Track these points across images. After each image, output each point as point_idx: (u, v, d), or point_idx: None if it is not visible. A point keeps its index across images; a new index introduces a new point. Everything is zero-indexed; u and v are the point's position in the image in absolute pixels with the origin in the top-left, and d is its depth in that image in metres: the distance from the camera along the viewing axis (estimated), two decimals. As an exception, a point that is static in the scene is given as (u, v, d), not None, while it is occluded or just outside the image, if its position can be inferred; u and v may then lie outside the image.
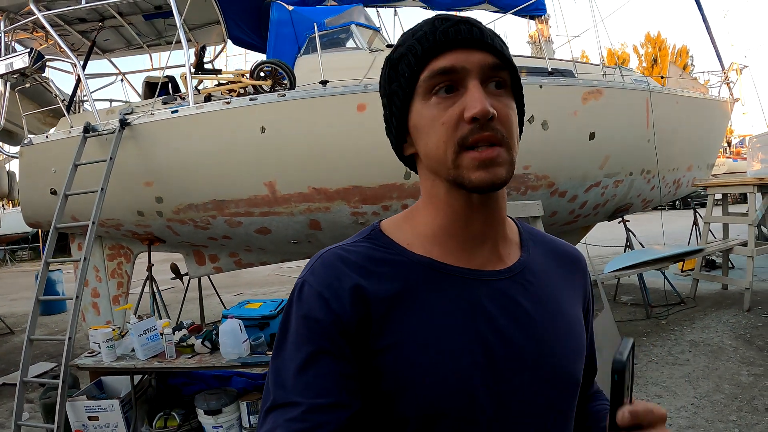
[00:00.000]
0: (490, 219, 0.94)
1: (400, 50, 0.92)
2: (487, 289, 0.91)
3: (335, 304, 0.83)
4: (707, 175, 9.92)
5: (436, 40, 0.86)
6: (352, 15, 7.30)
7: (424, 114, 0.88)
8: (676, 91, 8.20)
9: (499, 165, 0.84)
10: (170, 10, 6.24)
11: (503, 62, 0.87)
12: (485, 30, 0.88)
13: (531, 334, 0.91)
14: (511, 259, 0.98)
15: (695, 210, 10.90)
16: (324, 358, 0.81)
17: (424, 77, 0.87)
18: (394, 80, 0.93)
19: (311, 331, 0.83)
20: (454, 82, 0.86)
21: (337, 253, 0.91)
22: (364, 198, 5.91)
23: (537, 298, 0.95)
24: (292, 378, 0.80)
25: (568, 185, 6.69)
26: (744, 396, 4.68)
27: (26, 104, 7.23)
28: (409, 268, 0.90)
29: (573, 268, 1.08)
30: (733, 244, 8.13)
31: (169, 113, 5.93)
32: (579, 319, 1.02)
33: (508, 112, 0.87)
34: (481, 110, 0.81)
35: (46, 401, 4.63)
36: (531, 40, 9.89)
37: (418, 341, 0.84)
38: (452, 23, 0.87)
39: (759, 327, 6.46)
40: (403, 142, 0.96)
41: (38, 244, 26.79)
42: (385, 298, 0.86)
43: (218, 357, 4.09)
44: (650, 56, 35.44)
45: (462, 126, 0.83)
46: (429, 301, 0.87)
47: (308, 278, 0.88)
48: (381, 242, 0.94)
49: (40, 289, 5.14)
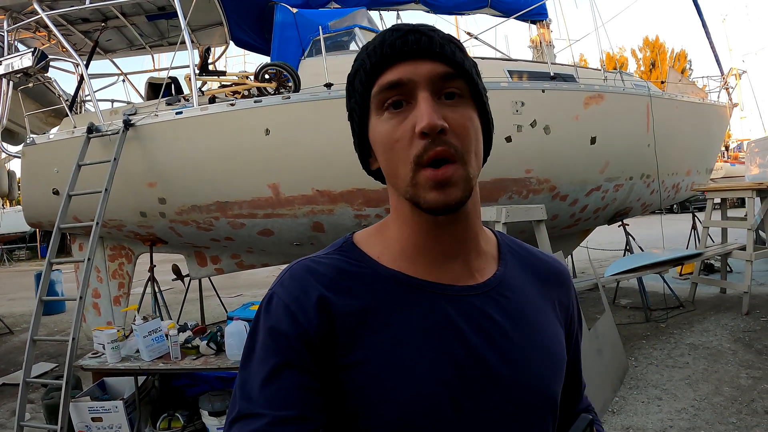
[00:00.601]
0: (459, 235, 0.91)
1: (354, 65, 0.90)
2: (459, 304, 0.89)
3: (302, 318, 0.83)
4: (706, 179, 9.96)
5: (383, 54, 0.84)
6: (355, 18, 7.32)
7: (378, 130, 0.86)
8: (675, 96, 8.25)
9: (453, 185, 0.81)
10: (173, 11, 6.27)
11: (456, 70, 0.84)
12: (435, 38, 0.84)
13: (504, 351, 0.89)
14: (486, 274, 0.95)
15: (694, 214, 10.93)
16: (289, 371, 0.80)
17: (374, 92, 0.86)
18: (351, 96, 0.92)
19: (277, 344, 0.82)
20: (405, 96, 0.83)
21: (306, 265, 0.90)
22: (368, 200, 5.92)
23: (512, 314, 0.93)
24: (258, 390, 0.80)
25: (569, 189, 6.72)
26: (743, 398, 4.70)
27: (29, 104, 7.22)
28: (379, 282, 0.89)
29: (554, 283, 1.05)
30: (731, 249, 8.17)
31: (173, 114, 5.94)
32: (557, 335, 1.00)
33: (465, 122, 0.83)
34: (428, 124, 0.78)
35: (48, 402, 4.62)
36: (532, 44, 9.92)
37: (385, 358, 0.83)
38: (401, 34, 0.84)
39: (757, 330, 6.49)
40: (368, 156, 0.95)
41: (36, 244, 26.76)
42: (352, 312, 0.85)
43: (223, 358, 4.09)
44: (648, 60, 35.48)
45: (416, 143, 0.81)
46: (398, 317, 0.86)
47: (277, 290, 0.88)
48: (352, 255, 0.93)
49: (43, 289, 5.13)
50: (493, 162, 1.09)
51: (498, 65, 7.26)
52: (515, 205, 5.85)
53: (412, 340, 0.85)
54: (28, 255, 27.72)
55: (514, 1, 8.89)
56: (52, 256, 5.31)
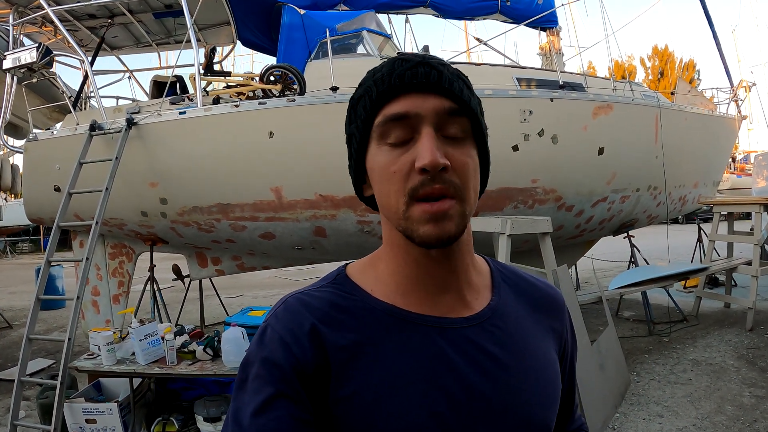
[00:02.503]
0: (451, 268, 0.91)
1: (359, 91, 0.90)
2: (452, 337, 0.89)
3: (296, 349, 0.83)
4: (713, 192, 9.92)
5: (391, 84, 0.84)
6: (363, 21, 7.30)
7: (377, 160, 0.86)
8: (684, 107, 8.20)
9: (448, 219, 0.81)
10: (180, 9, 6.24)
11: (462, 108, 0.84)
12: (445, 73, 0.84)
13: (498, 381, 0.88)
14: (480, 304, 0.95)
15: (699, 226, 10.87)
16: (282, 401, 0.80)
17: (378, 122, 0.85)
18: (353, 121, 0.91)
19: (271, 375, 0.82)
20: (408, 128, 0.83)
21: (301, 298, 0.90)
22: (371, 206, 5.86)
23: (506, 344, 0.93)
24: (249, 418, 0.80)
25: (575, 200, 6.68)
26: (746, 418, 4.64)
27: (32, 99, 7.21)
28: (372, 315, 0.89)
29: (547, 309, 1.05)
30: (737, 263, 8.10)
31: (177, 114, 5.92)
32: (552, 363, 1.00)
33: (465, 160, 0.84)
34: (430, 162, 0.78)
35: (43, 401, 4.61)
36: (542, 52, 9.89)
37: (377, 392, 0.83)
38: (410, 65, 0.84)
39: (761, 347, 6.43)
40: (363, 182, 0.95)
41: (39, 237, 26.84)
42: (344, 346, 0.85)
43: (220, 364, 4.07)
44: (657, 69, 35.46)
45: (413, 176, 0.81)
46: (390, 351, 0.86)
47: (271, 322, 0.88)
48: (345, 288, 0.93)
49: (41, 287, 5.11)
50: (499, 171, 1.07)
51: (507, 72, 7.23)
52: (520, 215, 5.80)
53: (404, 375, 0.85)
54: (30, 248, 27.87)
55: (525, 8, 8.89)
56: (51, 254, 5.27)
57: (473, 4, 8.99)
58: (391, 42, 7.72)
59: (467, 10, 9.01)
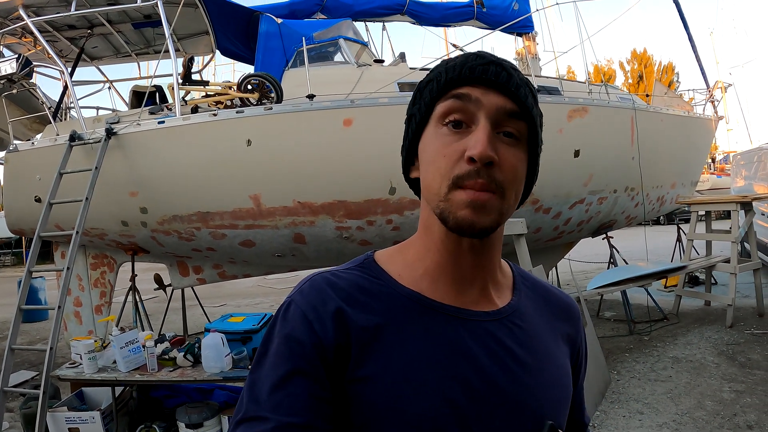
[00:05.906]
0: (480, 262, 0.93)
1: (429, 75, 0.92)
2: (473, 328, 0.90)
3: (318, 327, 0.83)
4: (691, 192, 10.01)
5: (461, 73, 0.85)
6: (340, 29, 7.33)
7: (432, 142, 0.88)
8: (661, 109, 8.29)
9: (487, 210, 0.82)
10: (159, 19, 6.24)
11: (523, 112, 0.86)
12: (515, 77, 0.86)
13: (515, 376, 0.89)
14: (501, 302, 0.97)
15: (678, 226, 10.98)
16: (300, 378, 0.80)
17: (440, 104, 0.87)
18: (417, 102, 0.93)
19: (291, 351, 0.82)
20: (467, 114, 0.84)
21: (327, 277, 0.91)
22: (349, 212, 5.91)
23: (524, 342, 0.94)
24: (267, 394, 0.80)
25: (552, 202, 6.74)
26: (726, 413, 4.70)
27: (13, 110, 7.18)
28: (396, 300, 0.90)
29: (563, 317, 1.07)
30: (716, 261, 8.20)
31: (156, 124, 5.92)
32: (565, 367, 1.01)
33: (514, 162, 0.85)
34: (480, 153, 0.79)
35: (26, 411, 4.60)
36: (518, 57, 9.95)
37: (395, 375, 0.83)
38: (484, 62, 0.86)
39: (741, 343, 6.51)
40: (411, 164, 0.96)
41: (21, 250, 26.57)
42: (367, 327, 0.85)
43: (200, 371, 4.08)
44: (636, 73, 35.69)
45: (461, 164, 0.82)
46: (411, 336, 0.87)
47: (296, 298, 0.88)
48: (372, 272, 0.94)
49: (23, 298, 5.09)
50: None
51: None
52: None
53: (424, 360, 0.85)
54: (13, 261, 27.51)
55: (501, 14, 8.94)
56: (32, 264, 5.27)
57: (449, 11, 9.05)
58: (368, 50, 7.76)
59: (443, 17, 9.07)
